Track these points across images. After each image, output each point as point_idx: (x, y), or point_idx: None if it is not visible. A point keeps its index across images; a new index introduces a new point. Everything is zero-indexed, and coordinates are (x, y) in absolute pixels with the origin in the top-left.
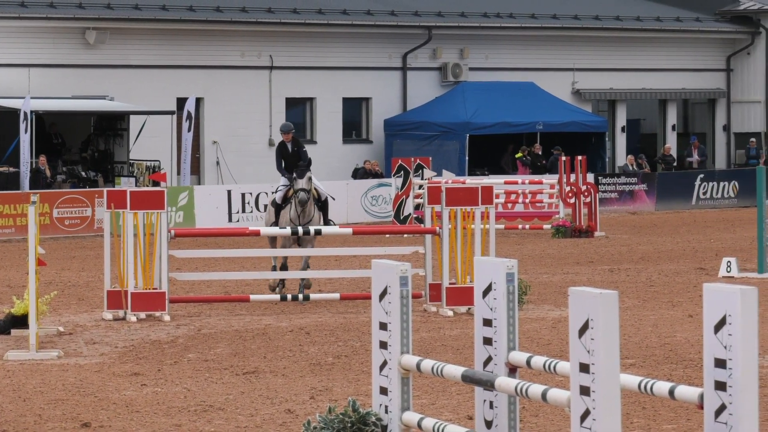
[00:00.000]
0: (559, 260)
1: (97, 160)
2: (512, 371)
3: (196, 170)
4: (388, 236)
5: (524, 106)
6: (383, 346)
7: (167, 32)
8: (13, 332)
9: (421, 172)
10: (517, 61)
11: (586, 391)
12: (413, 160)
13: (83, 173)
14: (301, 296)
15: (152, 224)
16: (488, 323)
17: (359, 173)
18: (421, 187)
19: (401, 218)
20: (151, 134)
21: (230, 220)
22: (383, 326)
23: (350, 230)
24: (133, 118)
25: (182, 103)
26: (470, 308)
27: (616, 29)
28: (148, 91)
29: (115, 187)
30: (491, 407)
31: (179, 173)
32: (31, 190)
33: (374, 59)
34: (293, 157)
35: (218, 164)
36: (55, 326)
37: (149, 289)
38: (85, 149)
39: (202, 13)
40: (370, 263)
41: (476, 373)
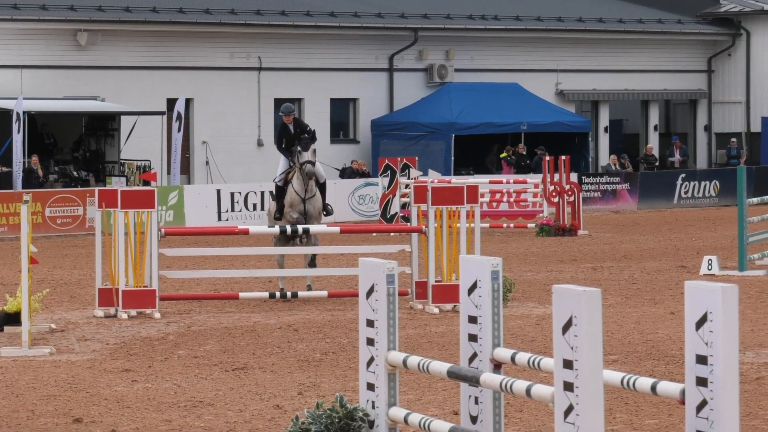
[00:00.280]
0: (543, 258)
1: (88, 159)
2: (497, 367)
3: (186, 170)
4: (375, 235)
5: (509, 106)
6: (370, 342)
7: (157, 34)
8: (6, 329)
9: (407, 171)
10: (501, 62)
11: (569, 386)
12: (400, 159)
13: (75, 173)
14: (289, 294)
15: (143, 223)
16: (473, 320)
17: (347, 173)
18: (407, 186)
19: (388, 217)
20: (141, 134)
21: (219, 219)
22: (370, 323)
23: (338, 229)
24: (123, 118)
25: (172, 103)
26: (456, 305)
27: (599, 31)
28: (138, 91)
29: (106, 186)
30: (476, 403)
31: (169, 173)
32: (23, 189)
33: (361, 60)
34: (296, 138)
35: (208, 164)
36: (47, 323)
37: (140, 286)
38: (76, 149)
39: (191, 15)
40: (357, 261)
41: (462, 369)
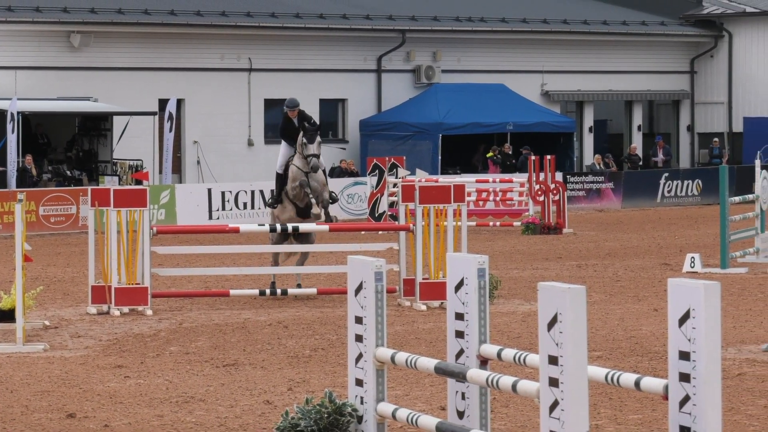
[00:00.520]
0: (528, 256)
1: (81, 159)
2: (483, 363)
3: (177, 169)
4: (363, 233)
5: (495, 107)
6: (359, 339)
7: (149, 36)
8: (0, 326)
9: (395, 171)
10: (488, 63)
11: (554, 382)
12: (388, 159)
13: (68, 172)
14: (279, 291)
15: (135, 221)
16: (460, 317)
17: (335, 172)
18: (395, 185)
19: (376, 216)
20: (133, 134)
21: (210, 217)
22: (359, 320)
23: (326, 227)
24: (116, 118)
25: (164, 104)
26: (443, 303)
27: (583, 33)
28: (130, 92)
29: (99, 185)
30: (463, 398)
31: (161, 172)
32: (17, 188)
33: (350, 62)
34: (299, 131)
35: (199, 163)
36: (41, 320)
37: (132, 284)
38: (70, 149)
39: (183, 17)
40: (346, 259)
41: (449, 365)
